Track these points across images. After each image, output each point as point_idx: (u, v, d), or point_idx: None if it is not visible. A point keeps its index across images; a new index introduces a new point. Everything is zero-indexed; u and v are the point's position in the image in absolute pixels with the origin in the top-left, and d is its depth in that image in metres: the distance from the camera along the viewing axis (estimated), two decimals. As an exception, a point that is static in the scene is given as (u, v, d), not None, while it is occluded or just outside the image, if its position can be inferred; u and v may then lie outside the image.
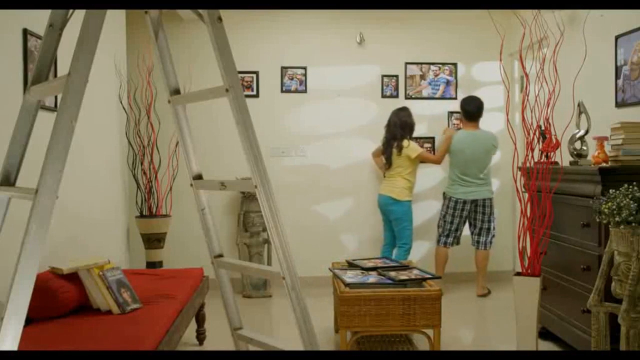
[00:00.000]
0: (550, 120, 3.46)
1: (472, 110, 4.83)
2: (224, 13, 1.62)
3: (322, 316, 4.22)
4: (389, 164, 4.83)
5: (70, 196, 3.25)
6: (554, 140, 3.45)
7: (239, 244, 4.99)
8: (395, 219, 4.81)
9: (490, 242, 4.89)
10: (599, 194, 2.84)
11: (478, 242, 4.88)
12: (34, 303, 1.40)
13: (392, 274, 3.40)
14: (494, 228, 4.89)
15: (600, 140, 3.25)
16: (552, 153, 3.48)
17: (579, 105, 3.52)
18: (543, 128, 3.50)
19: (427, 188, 5.43)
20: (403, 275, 3.36)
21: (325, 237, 5.32)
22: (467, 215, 4.85)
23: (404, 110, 4.88)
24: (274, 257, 5.08)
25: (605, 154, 3.20)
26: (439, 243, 4.90)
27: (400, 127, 4.78)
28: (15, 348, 1.28)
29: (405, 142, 4.75)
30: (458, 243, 4.94)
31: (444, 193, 5.00)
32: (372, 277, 3.36)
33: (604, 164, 3.13)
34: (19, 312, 1.28)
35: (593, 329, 2.69)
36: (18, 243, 1.31)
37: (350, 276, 3.38)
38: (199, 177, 1.83)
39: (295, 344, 1.71)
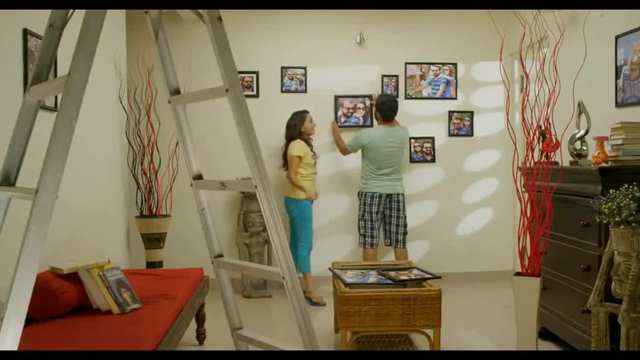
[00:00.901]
0: (550, 120, 3.46)
1: (385, 109, 4.85)
2: (224, 13, 1.62)
3: (322, 316, 4.22)
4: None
5: (70, 196, 3.25)
6: (554, 140, 3.45)
7: (239, 244, 5.00)
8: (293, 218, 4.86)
9: (405, 241, 4.87)
10: (599, 194, 2.84)
11: (397, 240, 4.84)
12: (34, 303, 1.40)
13: (392, 273, 3.40)
14: (406, 225, 4.87)
15: (600, 140, 3.25)
16: (552, 153, 3.48)
17: (579, 105, 3.52)
18: (543, 128, 3.50)
19: (424, 189, 5.44)
20: (403, 276, 3.37)
21: (325, 237, 5.32)
22: (382, 210, 4.82)
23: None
24: (274, 257, 5.10)
25: (605, 154, 3.20)
26: (365, 245, 4.80)
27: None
28: (15, 348, 1.28)
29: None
30: (377, 244, 4.85)
31: (359, 192, 4.90)
32: (372, 277, 3.36)
33: (603, 164, 3.13)
34: (19, 312, 1.28)
35: (593, 329, 2.69)
36: (18, 243, 1.31)
37: (350, 276, 3.38)
38: (199, 177, 1.83)
39: (295, 344, 1.71)
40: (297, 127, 4.84)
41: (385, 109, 4.85)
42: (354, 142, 4.90)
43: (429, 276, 3.33)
